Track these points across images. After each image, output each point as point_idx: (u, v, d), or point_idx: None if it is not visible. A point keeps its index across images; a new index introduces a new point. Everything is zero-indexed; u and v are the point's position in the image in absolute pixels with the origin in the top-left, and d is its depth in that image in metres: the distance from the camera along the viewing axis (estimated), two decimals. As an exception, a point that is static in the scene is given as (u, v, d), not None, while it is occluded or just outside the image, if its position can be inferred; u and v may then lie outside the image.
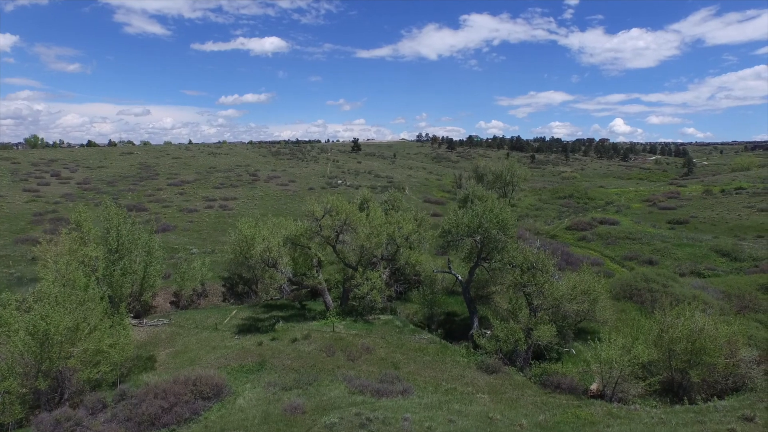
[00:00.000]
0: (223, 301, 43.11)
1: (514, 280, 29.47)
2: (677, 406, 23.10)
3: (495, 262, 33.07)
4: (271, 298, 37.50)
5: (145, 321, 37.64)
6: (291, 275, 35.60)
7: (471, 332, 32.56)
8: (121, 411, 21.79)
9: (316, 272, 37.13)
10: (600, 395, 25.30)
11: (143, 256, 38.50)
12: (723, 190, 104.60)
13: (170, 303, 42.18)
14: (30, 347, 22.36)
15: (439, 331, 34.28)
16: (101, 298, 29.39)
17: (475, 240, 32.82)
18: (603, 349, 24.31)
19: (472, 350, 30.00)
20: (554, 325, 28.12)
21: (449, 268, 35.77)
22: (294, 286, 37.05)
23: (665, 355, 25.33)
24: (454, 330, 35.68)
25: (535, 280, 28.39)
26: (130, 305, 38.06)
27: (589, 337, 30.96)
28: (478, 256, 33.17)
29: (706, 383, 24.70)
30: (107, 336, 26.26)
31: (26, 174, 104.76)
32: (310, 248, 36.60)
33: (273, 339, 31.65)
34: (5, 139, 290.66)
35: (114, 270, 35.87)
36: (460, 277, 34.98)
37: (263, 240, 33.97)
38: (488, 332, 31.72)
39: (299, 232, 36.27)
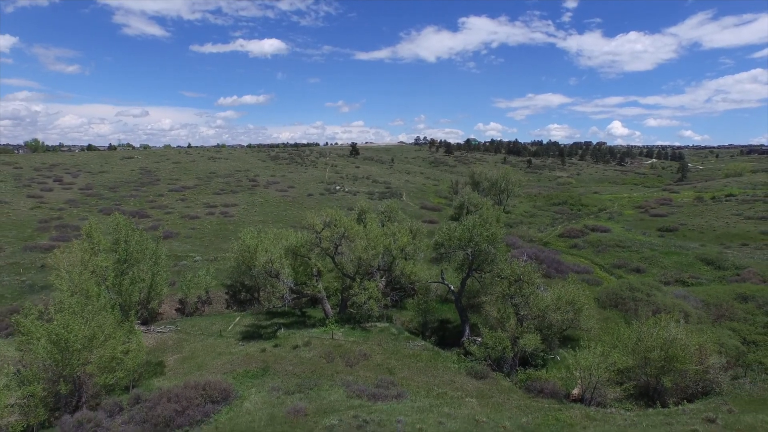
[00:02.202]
0: (227, 308, 44.88)
1: (503, 291, 31.42)
2: (650, 410, 25.03)
3: (486, 273, 35.04)
4: (273, 307, 39.33)
5: (152, 328, 39.42)
6: (292, 285, 37.45)
7: (462, 339, 34.49)
8: (137, 413, 23.63)
9: (316, 281, 38.98)
10: (580, 399, 27.20)
11: (150, 265, 40.26)
12: (714, 197, 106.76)
13: (176, 310, 43.96)
14: (53, 354, 24.16)
15: (432, 338, 36.17)
16: (112, 307, 31.24)
17: (466, 252, 34.77)
18: (582, 356, 26.24)
19: (463, 357, 31.90)
20: (539, 334, 30.04)
21: (442, 278, 37.70)
22: (295, 295, 38.91)
23: (641, 362, 27.26)
24: (446, 337, 37.58)
25: (521, 291, 30.34)
26: (138, 312, 39.77)
27: (572, 345, 32.88)
28: (470, 267, 35.16)
29: (679, 388, 26.64)
30: (120, 343, 28.11)
31: (29, 179, 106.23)
32: (310, 259, 38.45)
33: (275, 345, 33.47)
34: (3, 141, 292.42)
35: (123, 279, 37.65)
36: (452, 287, 36.92)
37: (266, 251, 35.81)
38: (479, 339, 33.62)
39: (299, 244, 38.14)
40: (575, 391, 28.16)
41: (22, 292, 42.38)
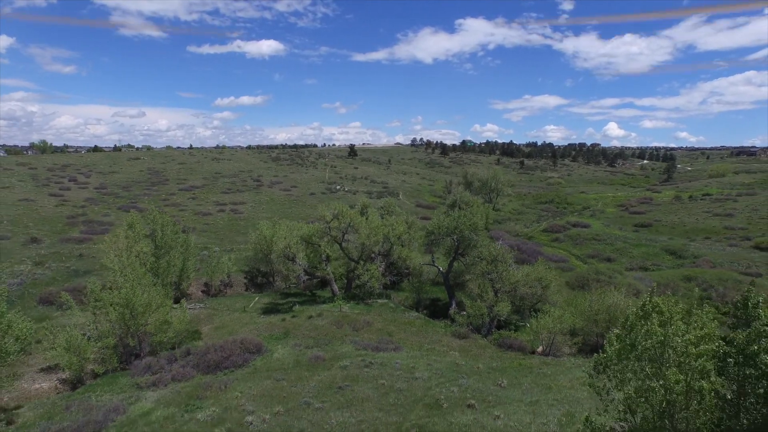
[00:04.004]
0: (246, 290, 51.34)
1: (482, 269, 38.06)
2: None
3: (469, 257, 41.71)
4: (289, 287, 45.87)
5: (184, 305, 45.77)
6: (306, 267, 43.99)
7: (450, 312, 41.10)
8: (191, 360, 30.09)
9: (325, 265, 45.51)
10: (543, 355, 33.90)
11: (182, 251, 46.73)
12: (691, 197, 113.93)
13: (201, 292, 50.41)
14: (123, 315, 30.62)
15: (424, 312, 42.77)
16: (154, 285, 37.69)
17: (453, 239, 41.44)
18: (543, 318, 32.95)
19: (450, 324, 38.52)
20: (511, 304, 36.74)
21: (433, 262, 44.34)
22: (307, 276, 45.43)
23: (591, 323, 33.97)
24: (437, 312, 44.18)
25: (497, 269, 36.99)
26: (173, 292, 46.21)
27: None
28: (456, 251, 41.81)
29: (619, 344, 33.31)
30: (168, 311, 34.64)
31: (46, 179, 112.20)
32: (320, 245, 44.95)
33: (293, 316, 40.00)
34: (0, 141, 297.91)
35: (160, 262, 44.12)
36: (441, 269, 43.55)
37: (284, 238, 42.34)
38: (464, 312, 40.24)
39: (312, 232, 44.66)
40: (539, 349, 34.83)
41: (69, 276, 48.72)
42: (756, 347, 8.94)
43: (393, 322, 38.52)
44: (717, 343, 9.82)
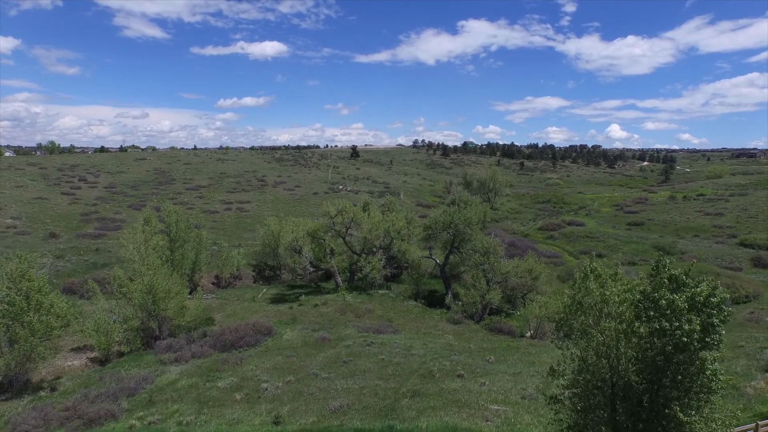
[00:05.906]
0: (254, 282, 54.27)
1: (475, 261, 40.94)
2: (576, 341, 34.59)
3: (463, 250, 44.61)
4: (295, 278, 48.81)
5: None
6: (312, 259, 46.93)
7: (446, 301, 44.00)
8: (208, 340, 33.04)
9: (330, 258, 48.45)
10: (531, 339, 36.73)
11: (195, 245, 49.71)
12: (685, 197, 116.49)
13: (212, 283, 53.37)
14: (146, 301, 33.57)
15: (422, 301, 45.65)
16: (171, 275, 40.65)
17: (449, 233, 44.35)
18: (530, 306, 35.81)
19: (446, 312, 41.41)
20: (503, 293, 39.63)
21: (430, 254, 47.24)
22: (313, 269, 48.37)
23: (575, 311, 36.79)
24: (434, 302, 47.05)
25: (489, 260, 39.87)
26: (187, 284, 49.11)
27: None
28: (451, 244, 44.71)
29: (601, 329, 36.18)
30: (185, 298, 37.60)
31: (56, 179, 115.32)
32: (325, 240, 47.90)
33: (300, 305, 42.93)
34: (4, 142, 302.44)
35: (175, 255, 47.10)
36: (438, 261, 46.45)
37: (291, 232, 45.30)
38: (459, 302, 43.11)
39: (317, 227, 47.61)
40: (528, 334, 37.69)
41: (88, 268, 51.75)
42: (657, 295, 11.85)
43: (393, 310, 41.41)
44: (635, 294, 12.75)
